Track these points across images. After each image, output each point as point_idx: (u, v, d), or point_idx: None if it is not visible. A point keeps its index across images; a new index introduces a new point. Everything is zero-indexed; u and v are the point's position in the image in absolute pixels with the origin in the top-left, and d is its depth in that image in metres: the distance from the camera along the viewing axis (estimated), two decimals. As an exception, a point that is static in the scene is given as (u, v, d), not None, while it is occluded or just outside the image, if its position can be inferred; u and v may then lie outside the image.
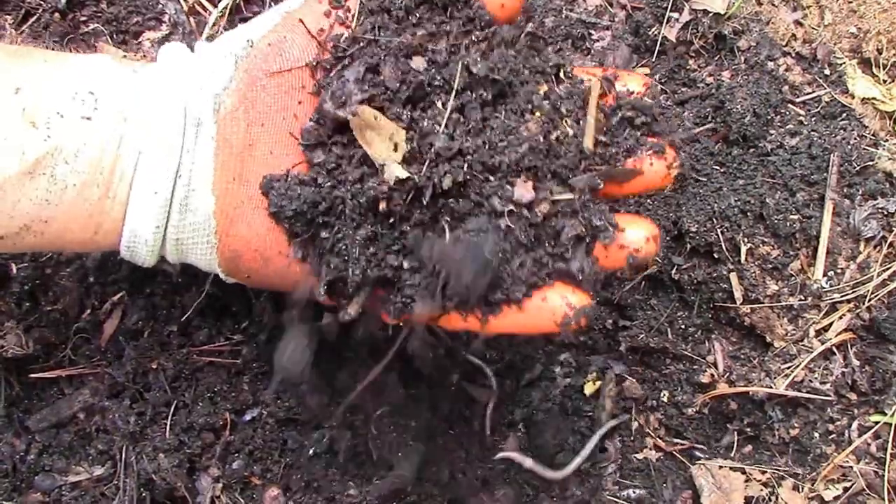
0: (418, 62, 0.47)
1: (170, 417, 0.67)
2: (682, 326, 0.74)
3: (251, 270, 0.51)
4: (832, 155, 0.73)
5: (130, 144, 0.46)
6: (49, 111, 0.45)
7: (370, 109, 0.46)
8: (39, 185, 0.45)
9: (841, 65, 0.77)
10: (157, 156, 0.47)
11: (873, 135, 0.75)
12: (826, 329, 0.72)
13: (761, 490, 0.69)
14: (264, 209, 0.49)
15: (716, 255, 0.72)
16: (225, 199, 0.48)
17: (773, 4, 0.79)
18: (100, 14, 0.72)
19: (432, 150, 0.45)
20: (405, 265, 0.48)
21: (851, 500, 0.69)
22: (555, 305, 0.48)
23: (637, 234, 0.49)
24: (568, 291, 0.48)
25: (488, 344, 0.73)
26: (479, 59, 0.47)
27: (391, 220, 0.47)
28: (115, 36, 0.72)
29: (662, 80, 0.77)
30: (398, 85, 0.47)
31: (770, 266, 0.72)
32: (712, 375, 0.72)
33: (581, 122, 0.49)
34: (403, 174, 0.45)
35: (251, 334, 0.70)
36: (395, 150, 0.46)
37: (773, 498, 0.69)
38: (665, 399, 0.73)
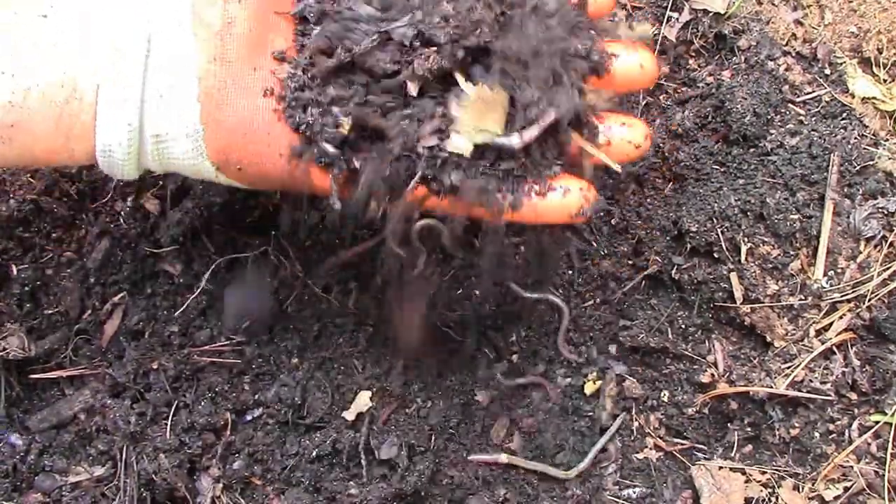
0: None
1: (170, 418, 0.68)
2: (682, 326, 0.74)
3: (242, 161, 0.48)
4: (832, 154, 0.73)
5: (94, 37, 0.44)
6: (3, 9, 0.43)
7: None
8: (0, 85, 0.43)
9: (841, 64, 0.77)
10: (123, 43, 0.44)
11: (873, 134, 0.75)
12: (826, 329, 0.72)
13: (761, 490, 0.69)
14: (248, 89, 0.47)
15: (716, 255, 0.72)
16: (207, 82, 0.46)
17: (773, 4, 0.78)
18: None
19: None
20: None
21: (852, 500, 0.69)
22: (572, 196, 0.49)
23: (637, 132, 0.52)
24: (581, 184, 0.50)
25: (505, 317, 0.73)
26: None
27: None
28: None
29: (662, 80, 0.77)
30: None
31: (770, 266, 0.72)
32: (712, 375, 0.72)
33: None
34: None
35: (252, 334, 0.70)
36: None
37: (773, 498, 0.69)
38: (665, 399, 0.73)
